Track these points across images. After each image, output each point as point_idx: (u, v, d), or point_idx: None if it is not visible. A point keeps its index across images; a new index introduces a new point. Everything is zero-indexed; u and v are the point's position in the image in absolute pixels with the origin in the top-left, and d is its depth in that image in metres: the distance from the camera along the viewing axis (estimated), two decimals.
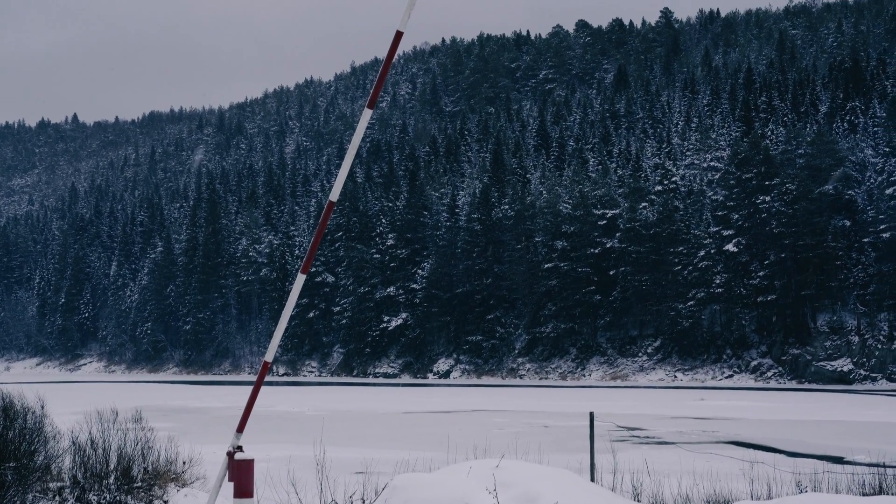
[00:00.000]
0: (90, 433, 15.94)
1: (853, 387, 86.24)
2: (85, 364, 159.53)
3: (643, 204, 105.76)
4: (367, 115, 10.00)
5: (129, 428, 16.35)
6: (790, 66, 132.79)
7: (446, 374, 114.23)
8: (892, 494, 14.41)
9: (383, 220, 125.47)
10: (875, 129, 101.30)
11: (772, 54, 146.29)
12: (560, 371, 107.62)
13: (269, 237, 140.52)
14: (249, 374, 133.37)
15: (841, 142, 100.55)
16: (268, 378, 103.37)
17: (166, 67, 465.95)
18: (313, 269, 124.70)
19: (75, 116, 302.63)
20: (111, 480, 15.44)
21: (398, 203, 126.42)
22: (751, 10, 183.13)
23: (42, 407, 15.83)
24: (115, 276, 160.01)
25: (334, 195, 10.15)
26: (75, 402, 37.90)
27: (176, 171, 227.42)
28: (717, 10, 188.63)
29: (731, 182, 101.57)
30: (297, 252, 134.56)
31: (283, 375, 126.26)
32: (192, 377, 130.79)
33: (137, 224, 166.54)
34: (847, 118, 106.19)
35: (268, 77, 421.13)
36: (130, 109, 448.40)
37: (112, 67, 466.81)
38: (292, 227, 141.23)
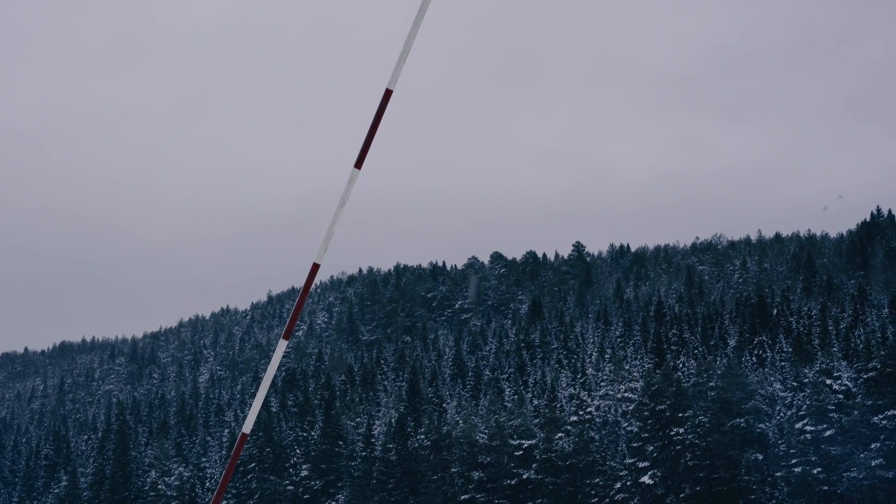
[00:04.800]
0: None
1: None
2: None
3: (559, 434, 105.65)
4: (282, 345, 10.11)
5: None
6: (699, 301, 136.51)
7: None
8: None
9: (297, 451, 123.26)
10: (782, 363, 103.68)
11: (681, 288, 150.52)
12: None
13: (180, 469, 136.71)
14: None
15: (750, 375, 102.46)
16: None
17: (79, 297, 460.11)
18: (224, 503, 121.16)
19: None
20: None
21: (313, 433, 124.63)
22: (659, 246, 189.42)
23: None
24: None
25: (247, 427, 10.13)
26: None
27: (85, 401, 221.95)
28: (628, 244, 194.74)
29: (646, 413, 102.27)
30: (207, 484, 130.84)
31: None
32: None
33: (42, 457, 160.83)
34: (755, 352, 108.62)
35: (183, 306, 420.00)
36: (40, 340, 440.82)
37: None
38: (203, 459, 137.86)
